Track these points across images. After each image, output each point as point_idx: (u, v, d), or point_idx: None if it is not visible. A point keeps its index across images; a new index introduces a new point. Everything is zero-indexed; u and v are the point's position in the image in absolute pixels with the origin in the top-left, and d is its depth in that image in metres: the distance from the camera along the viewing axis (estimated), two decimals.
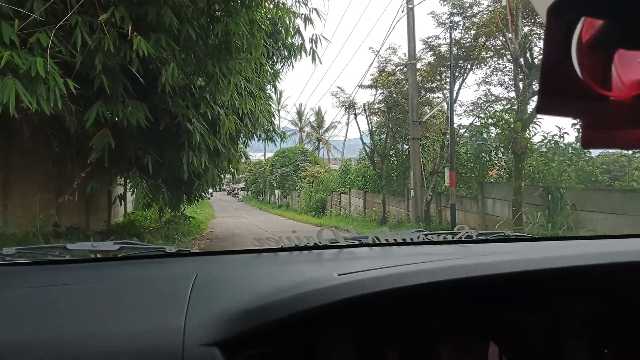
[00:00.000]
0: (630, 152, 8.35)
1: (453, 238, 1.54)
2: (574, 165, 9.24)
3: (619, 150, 8.25)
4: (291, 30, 7.38)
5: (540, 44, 9.95)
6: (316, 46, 6.62)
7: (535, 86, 9.42)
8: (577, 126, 9.11)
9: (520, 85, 9.78)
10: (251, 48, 5.73)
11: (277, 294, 0.91)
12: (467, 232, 1.56)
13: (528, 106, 9.51)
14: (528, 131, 9.86)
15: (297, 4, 6.89)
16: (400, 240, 1.45)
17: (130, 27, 4.36)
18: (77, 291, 1.04)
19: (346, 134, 40.76)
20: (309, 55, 6.78)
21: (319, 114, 46.52)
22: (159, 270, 1.24)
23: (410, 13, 12.58)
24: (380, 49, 22.58)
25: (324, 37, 6.78)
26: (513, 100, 11.25)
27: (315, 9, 6.76)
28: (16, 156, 6.42)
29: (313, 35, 6.73)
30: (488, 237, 1.60)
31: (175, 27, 4.82)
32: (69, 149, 6.29)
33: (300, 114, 48.57)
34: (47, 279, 1.13)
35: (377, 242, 1.45)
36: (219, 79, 5.83)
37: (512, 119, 9.90)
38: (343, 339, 1.03)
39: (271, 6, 6.73)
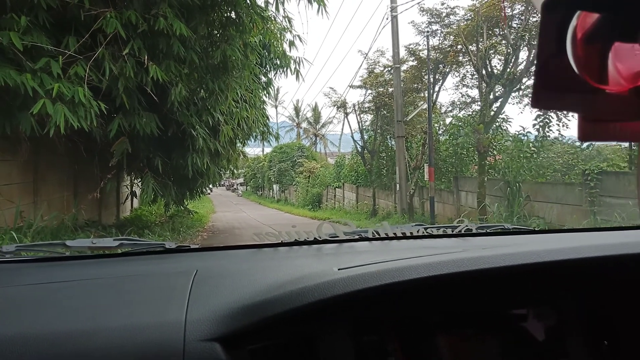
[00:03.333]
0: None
1: (453, 231, 1.53)
2: (533, 161, 10.23)
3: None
4: (279, 52, 8.44)
5: (498, 57, 10.97)
6: (299, 67, 7.72)
7: (497, 92, 10.50)
8: (537, 126, 10.15)
9: (484, 91, 10.79)
10: (245, 67, 6.77)
11: (277, 289, 0.90)
12: (466, 226, 1.55)
13: (490, 110, 10.59)
14: (497, 131, 10.91)
15: (284, 27, 7.93)
16: (400, 234, 1.46)
17: (146, 57, 5.39)
18: (76, 287, 1.04)
19: (342, 128, 41.44)
20: (294, 74, 7.89)
21: (315, 110, 47.30)
22: (158, 266, 1.24)
23: (394, 21, 13.53)
24: (369, 52, 23.51)
25: (306, 60, 7.91)
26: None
27: (298, 36, 7.86)
28: (43, 159, 7.42)
29: (297, 57, 7.84)
30: (487, 230, 1.61)
31: (182, 54, 5.83)
32: (93, 154, 7.25)
33: (297, 110, 49.40)
34: (46, 275, 1.14)
35: (377, 236, 1.46)
36: (218, 94, 6.83)
37: (476, 122, 10.92)
38: (343, 332, 1.02)
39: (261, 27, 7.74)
